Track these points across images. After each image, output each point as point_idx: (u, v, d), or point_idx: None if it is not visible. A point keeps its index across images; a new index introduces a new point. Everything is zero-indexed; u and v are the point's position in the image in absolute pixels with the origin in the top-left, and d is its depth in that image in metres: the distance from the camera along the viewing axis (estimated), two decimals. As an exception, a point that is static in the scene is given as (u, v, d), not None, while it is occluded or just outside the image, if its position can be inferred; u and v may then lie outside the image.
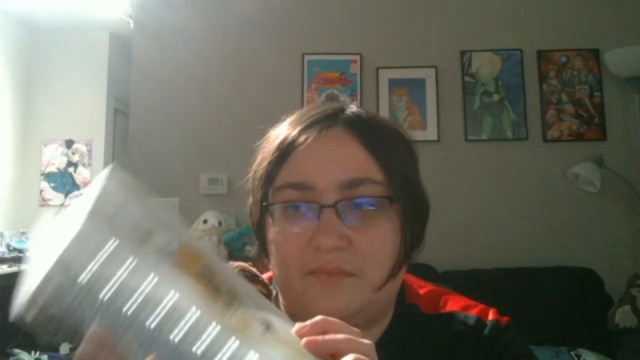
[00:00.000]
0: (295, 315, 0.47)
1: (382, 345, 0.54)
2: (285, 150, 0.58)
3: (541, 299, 2.21)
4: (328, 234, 0.53)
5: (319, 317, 0.40)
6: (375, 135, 0.59)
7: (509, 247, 2.46)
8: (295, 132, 0.59)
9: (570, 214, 2.52)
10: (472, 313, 0.63)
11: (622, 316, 2.13)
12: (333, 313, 0.52)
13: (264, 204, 0.58)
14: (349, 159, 0.57)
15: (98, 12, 3.88)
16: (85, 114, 4.35)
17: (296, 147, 0.58)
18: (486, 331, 0.61)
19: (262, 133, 0.64)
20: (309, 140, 0.57)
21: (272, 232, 0.58)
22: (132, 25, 2.83)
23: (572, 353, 1.98)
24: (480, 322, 0.62)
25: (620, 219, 2.53)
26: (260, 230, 0.61)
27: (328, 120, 0.59)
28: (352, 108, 0.62)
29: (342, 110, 0.61)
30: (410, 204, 0.59)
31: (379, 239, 0.56)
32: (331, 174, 0.56)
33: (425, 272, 2.08)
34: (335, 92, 2.65)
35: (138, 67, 2.68)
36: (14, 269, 2.63)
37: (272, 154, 0.59)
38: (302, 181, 0.56)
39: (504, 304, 0.73)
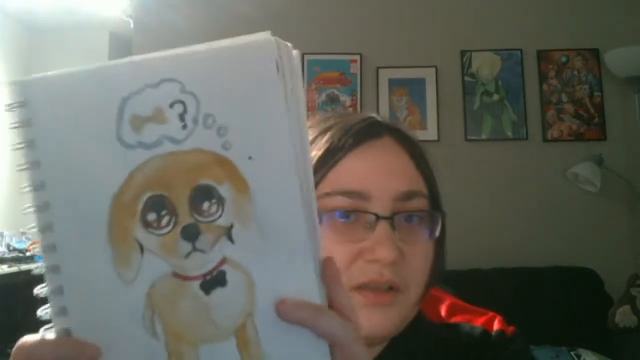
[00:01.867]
0: None
1: (389, 352, 0.54)
2: (333, 154, 0.55)
3: (541, 299, 2.22)
4: (389, 247, 0.51)
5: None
6: (417, 148, 0.59)
7: (509, 247, 2.46)
8: (340, 135, 0.56)
9: (570, 214, 2.52)
10: (478, 323, 0.63)
11: (622, 316, 2.13)
12: (378, 331, 0.52)
13: None
14: (402, 171, 0.56)
15: (98, 11, 3.88)
16: (85, 114, 4.33)
17: (346, 152, 0.55)
18: (492, 342, 0.61)
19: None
20: (360, 147, 0.55)
21: None
22: (132, 25, 2.83)
23: (572, 353, 1.98)
24: (486, 333, 0.62)
25: (620, 219, 2.53)
26: None
27: (372, 128, 0.57)
28: (384, 117, 0.62)
29: (376, 118, 0.60)
30: (444, 219, 0.58)
31: (425, 254, 0.55)
32: (388, 185, 0.54)
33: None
34: (335, 92, 2.65)
35: (138, 67, 2.68)
36: (14, 269, 2.62)
37: (317, 157, 0.55)
38: (357, 189, 0.53)
39: (504, 304, 0.73)
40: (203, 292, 0.32)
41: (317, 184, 0.53)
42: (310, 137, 0.56)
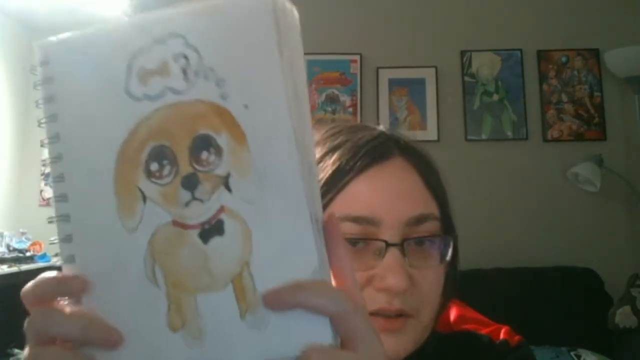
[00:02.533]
0: None
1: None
2: (341, 177, 0.53)
3: (541, 299, 2.22)
4: (399, 276, 0.49)
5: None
6: (428, 165, 0.57)
7: (509, 247, 2.46)
8: (349, 157, 0.54)
9: (570, 214, 2.52)
10: (484, 332, 0.62)
11: (622, 316, 2.13)
12: (391, 356, 0.50)
13: None
14: (413, 194, 0.54)
15: (98, 11, 3.88)
16: (85, 114, 4.33)
17: (354, 175, 0.53)
18: (494, 352, 0.60)
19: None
20: (369, 170, 0.53)
21: None
22: (132, 25, 2.83)
23: (572, 353, 1.98)
24: (491, 341, 0.61)
25: (620, 219, 2.53)
26: None
27: (381, 148, 0.55)
28: (392, 130, 0.60)
29: (386, 134, 0.58)
30: (457, 242, 0.57)
31: (436, 278, 0.54)
32: (399, 210, 0.52)
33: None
34: (335, 92, 2.65)
35: (138, 67, 2.68)
36: (14, 269, 2.62)
37: (325, 179, 0.53)
38: (366, 215, 0.51)
39: (504, 304, 0.73)
40: (201, 240, 0.33)
41: (324, 207, 0.50)
42: (318, 155, 0.55)
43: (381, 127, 0.60)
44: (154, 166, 0.33)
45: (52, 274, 0.34)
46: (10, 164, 3.50)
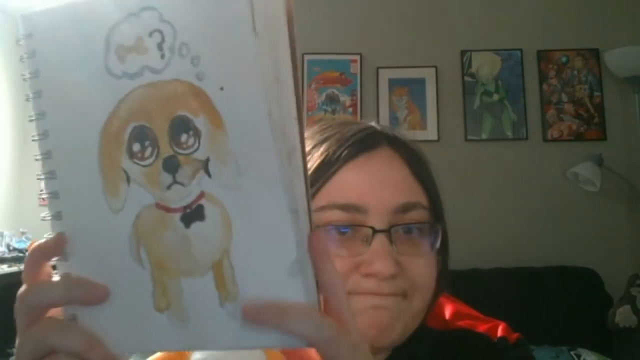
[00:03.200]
0: None
1: (392, 357, 0.53)
2: (329, 166, 0.53)
3: (541, 298, 2.22)
4: (387, 260, 0.50)
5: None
6: (417, 158, 0.58)
7: (509, 247, 2.46)
8: (336, 147, 0.55)
9: (570, 214, 2.52)
10: (481, 329, 0.62)
11: (622, 316, 2.13)
12: (379, 336, 0.51)
13: None
14: (400, 182, 0.54)
15: (98, 11, 3.87)
16: (85, 114, 4.32)
17: (342, 164, 0.54)
18: (493, 350, 0.60)
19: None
20: (357, 159, 0.54)
21: None
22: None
23: (572, 353, 1.98)
24: (488, 339, 0.61)
25: (620, 219, 2.53)
26: None
27: (370, 138, 0.56)
28: (383, 126, 0.60)
29: (375, 128, 0.58)
30: (446, 231, 0.57)
31: (427, 266, 0.54)
32: (386, 197, 0.52)
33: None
34: (335, 92, 2.65)
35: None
36: (14, 269, 2.62)
37: (312, 169, 0.54)
38: (353, 203, 0.52)
39: (504, 304, 0.73)
40: (183, 224, 0.33)
41: (313, 197, 0.52)
42: (308, 149, 0.55)
43: (372, 123, 0.60)
44: (136, 146, 0.33)
45: (71, 279, 0.34)
46: (10, 163, 3.49)
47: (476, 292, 0.97)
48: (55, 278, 0.34)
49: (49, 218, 0.35)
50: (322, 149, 0.55)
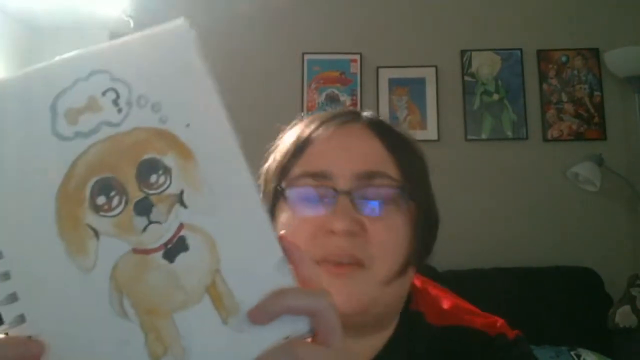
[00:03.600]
0: None
1: (387, 352, 0.54)
2: (303, 143, 0.59)
3: (541, 298, 2.21)
4: (343, 217, 0.53)
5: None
6: (395, 136, 0.61)
7: (509, 247, 2.46)
8: (313, 126, 0.60)
9: (570, 214, 2.52)
10: (479, 326, 0.62)
11: (622, 316, 2.13)
12: (340, 304, 0.51)
13: (279, 187, 0.59)
14: (367, 152, 0.58)
15: (98, 11, 3.87)
16: (85, 114, 4.32)
17: (314, 139, 0.59)
18: (492, 347, 0.60)
19: (261, 133, 0.64)
20: (328, 132, 0.59)
21: (284, 216, 0.58)
22: (132, 25, 2.83)
23: (572, 353, 1.98)
24: (487, 336, 0.61)
25: (620, 219, 2.52)
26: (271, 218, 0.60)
27: (349, 116, 0.61)
28: (372, 113, 0.64)
29: (356, 110, 0.64)
30: (422, 207, 0.59)
31: (393, 230, 0.56)
32: (349, 164, 0.56)
33: (426, 272, 2.07)
34: (335, 91, 2.65)
35: (138, 66, 2.68)
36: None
37: (289, 148, 0.60)
38: (320, 170, 0.56)
39: (504, 304, 0.73)
40: (167, 261, 0.33)
41: (288, 171, 0.58)
42: (302, 130, 0.61)
43: (356, 110, 0.66)
44: (100, 200, 0.33)
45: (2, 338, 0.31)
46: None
47: (476, 292, 0.97)
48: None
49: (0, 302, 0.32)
50: (302, 129, 0.61)
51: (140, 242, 0.33)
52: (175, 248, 0.33)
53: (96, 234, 0.33)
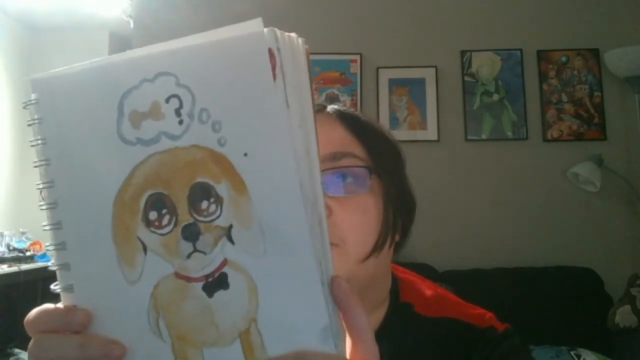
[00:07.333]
0: None
1: (377, 341, 0.54)
2: None
3: (541, 299, 2.21)
4: None
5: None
6: (361, 123, 0.62)
7: (509, 247, 2.46)
8: None
9: (570, 214, 2.52)
10: (469, 319, 0.62)
11: (622, 316, 2.13)
12: None
13: None
14: (332, 136, 0.59)
15: (98, 11, 3.87)
16: (85, 114, 4.32)
17: None
18: (482, 339, 0.60)
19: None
20: None
21: None
22: (132, 25, 2.83)
23: (572, 353, 1.98)
24: (476, 328, 0.61)
25: (620, 219, 2.53)
26: None
27: (317, 107, 0.62)
28: (340, 104, 0.65)
29: (325, 104, 0.65)
30: (392, 183, 0.60)
31: (360, 209, 0.56)
32: None
33: (426, 272, 2.08)
34: (335, 92, 2.65)
35: (138, 67, 2.68)
36: (14, 269, 2.63)
37: None
38: None
39: (504, 304, 0.73)
40: (206, 294, 0.32)
41: None
42: None
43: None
44: (152, 215, 0.32)
45: (52, 306, 0.33)
46: (10, 164, 3.49)
47: (476, 292, 0.97)
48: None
49: (60, 290, 0.33)
50: None
51: (183, 267, 0.32)
52: (215, 283, 0.32)
53: (144, 248, 0.32)
